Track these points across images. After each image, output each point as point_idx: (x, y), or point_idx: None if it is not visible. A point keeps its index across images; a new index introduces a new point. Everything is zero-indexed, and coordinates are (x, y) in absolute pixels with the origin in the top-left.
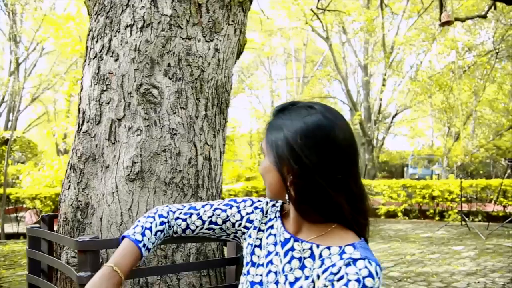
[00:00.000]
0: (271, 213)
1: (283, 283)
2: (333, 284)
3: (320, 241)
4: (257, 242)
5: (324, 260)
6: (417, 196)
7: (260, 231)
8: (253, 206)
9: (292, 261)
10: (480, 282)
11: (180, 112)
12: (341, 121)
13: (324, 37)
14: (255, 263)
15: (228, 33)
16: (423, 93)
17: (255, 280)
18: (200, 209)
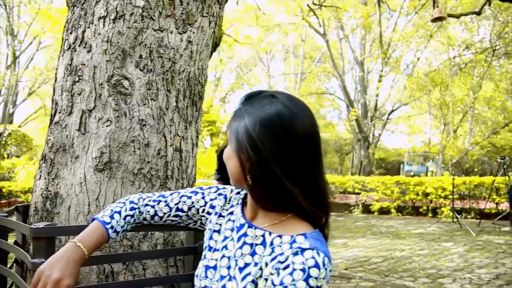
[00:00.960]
0: (234, 200)
1: (233, 268)
2: (278, 272)
3: (273, 229)
4: (216, 227)
5: (275, 248)
6: (411, 193)
7: (220, 217)
8: (217, 193)
9: (244, 246)
10: (466, 278)
11: (151, 104)
12: (303, 113)
13: (321, 33)
14: (212, 248)
15: (202, 25)
16: (419, 90)
17: (209, 264)
18: (168, 196)
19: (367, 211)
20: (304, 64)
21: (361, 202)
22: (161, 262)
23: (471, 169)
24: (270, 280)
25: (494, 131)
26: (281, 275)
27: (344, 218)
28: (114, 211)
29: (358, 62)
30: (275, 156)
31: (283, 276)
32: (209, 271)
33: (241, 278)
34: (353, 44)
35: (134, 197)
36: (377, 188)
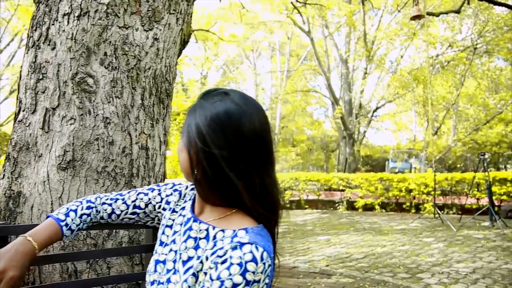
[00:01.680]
0: (188, 196)
1: (178, 262)
2: (217, 266)
3: (217, 223)
4: (169, 223)
5: (217, 242)
6: (394, 189)
7: (173, 212)
8: (173, 189)
9: (188, 240)
10: (444, 272)
11: (115, 101)
12: (252, 111)
13: (306, 31)
14: (163, 243)
15: (169, 22)
16: (402, 87)
17: (159, 258)
18: (126, 194)
19: (352, 208)
20: (291, 62)
21: (346, 199)
22: (126, 260)
23: (454, 166)
24: (208, 274)
25: (475, 128)
26: (219, 269)
27: (328, 215)
28: (69, 209)
29: (343, 59)
30: (222, 151)
31: (221, 271)
32: (158, 265)
33: (184, 271)
34: (338, 42)
35: (91, 196)
36: (361, 185)
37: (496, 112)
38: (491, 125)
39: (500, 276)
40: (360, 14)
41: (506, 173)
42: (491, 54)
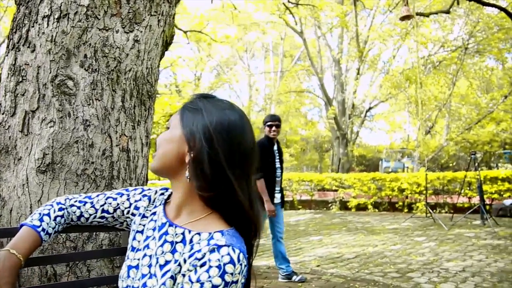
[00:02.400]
0: (158, 201)
1: (154, 266)
2: (196, 269)
3: (192, 227)
4: (139, 228)
5: (194, 245)
6: (387, 189)
7: (144, 218)
8: (141, 194)
9: (165, 244)
10: (434, 271)
11: (95, 104)
12: (251, 130)
13: (299, 32)
14: (135, 248)
15: (151, 24)
16: (394, 87)
17: (132, 264)
18: (94, 198)
19: (345, 208)
20: (284, 63)
21: (339, 199)
22: (107, 263)
23: (446, 165)
24: (187, 277)
25: (467, 127)
26: (198, 272)
27: (321, 215)
28: (42, 214)
29: (336, 60)
30: (225, 153)
31: (200, 273)
32: (131, 270)
33: (161, 275)
34: (331, 42)
35: (60, 198)
36: (354, 185)
37: (488, 111)
38: (482, 124)
39: (489, 274)
40: (352, 15)
41: (497, 172)
42: (482, 54)
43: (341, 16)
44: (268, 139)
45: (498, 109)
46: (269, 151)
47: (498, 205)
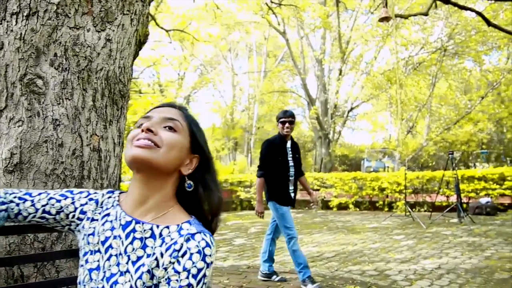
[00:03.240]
0: (108, 203)
1: (125, 263)
2: (178, 260)
3: (159, 222)
4: (90, 231)
5: (165, 238)
6: (368, 188)
7: (93, 221)
8: (88, 198)
9: (134, 241)
10: (411, 269)
11: (65, 103)
12: None
13: (281, 32)
14: (92, 251)
15: (123, 23)
16: (376, 88)
17: (92, 266)
18: (36, 196)
19: (326, 207)
20: (268, 63)
21: (320, 199)
22: (76, 263)
23: (426, 164)
24: (171, 269)
25: (446, 127)
26: (182, 262)
27: (303, 215)
28: None
29: (318, 60)
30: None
31: (184, 262)
32: (93, 273)
33: (135, 269)
34: (313, 42)
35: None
36: (336, 184)
37: (466, 112)
38: (461, 125)
39: (464, 270)
40: (335, 16)
41: (474, 171)
42: (461, 56)
43: (324, 17)
44: (280, 137)
45: (475, 110)
46: (280, 149)
47: (474, 203)
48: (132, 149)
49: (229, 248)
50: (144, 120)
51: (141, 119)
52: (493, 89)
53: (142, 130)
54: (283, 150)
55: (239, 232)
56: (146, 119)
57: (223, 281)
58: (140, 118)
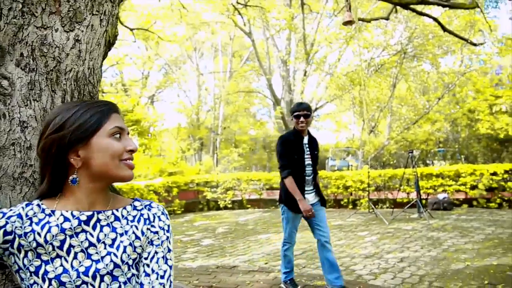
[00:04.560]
0: (35, 215)
1: (99, 251)
2: (152, 224)
3: (113, 207)
4: (33, 245)
5: (127, 217)
6: (332, 186)
7: (29, 234)
8: (5, 218)
9: (103, 228)
10: (375, 263)
11: (33, 105)
12: None
13: (247, 32)
14: (47, 261)
15: (92, 23)
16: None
17: (58, 272)
18: None
19: None
20: (233, 63)
21: None
22: None
23: (387, 162)
24: (150, 232)
25: (406, 126)
26: (155, 224)
27: (270, 214)
28: None
29: (283, 61)
30: None
31: (157, 223)
32: (62, 277)
33: (116, 247)
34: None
35: None
36: None
37: (424, 112)
38: (420, 124)
39: (424, 263)
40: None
41: (432, 169)
42: (419, 58)
43: (289, 19)
44: (295, 132)
45: (433, 110)
46: (296, 146)
47: (432, 199)
48: (128, 171)
49: (197, 248)
50: (120, 131)
51: (117, 128)
52: (449, 90)
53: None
54: (299, 147)
55: (207, 233)
56: (122, 130)
57: (192, 281)
58: (115, 126)
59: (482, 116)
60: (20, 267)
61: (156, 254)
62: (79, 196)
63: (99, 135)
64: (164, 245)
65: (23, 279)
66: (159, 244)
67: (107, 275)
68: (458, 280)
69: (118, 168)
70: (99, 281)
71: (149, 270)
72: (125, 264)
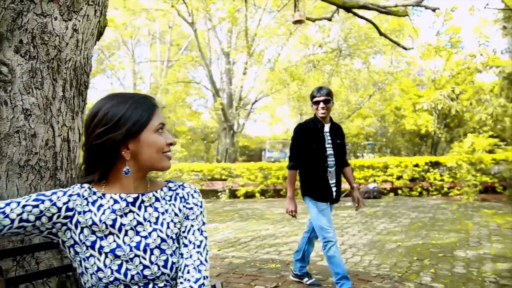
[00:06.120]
0: (89, 196)
1: (146, 228)
2: (187, 201)
3: (152, 189)
4: (89, 223)
5: (165, 197)
6: (273, 177)
7: (87, 213)
8: (67, 195)
9: (147, 209)
10: (320, 246)
11: (35, 92)
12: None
13: (190, 22)
14: (101, 237)
15: (88, 13)
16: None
17: (112, 247)
18: (6, 207)
19: (234, 196)
20: (171, 52)
21: (228, 188)
22: (55, 254)
23: None
24: (186, 209)
25: (340, 121)
26: (189, 201)
27: (212, 204)
28: None
29: (225, 53)
30: None
31: (191, 201)
32: (117, 251)
33: (160, 225)
34: (220, 35)
35: None
36: (243, 174)
37: (356, 108)
38: (352, 119)
39: (362, 245)
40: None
41: (363, 161)
42: (353, 57)
43: (232, 12)
44: (315, 120)
45: (364, 107)
46: (315, 134)
47: (364, 188)
48: (167, 162)
49: None
50: (163, 126)
51: (160, 124)
52: (378, 88)
53: (170, 144)
54: (318, 136)
55: None
56: (163, 126)
57: None
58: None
59: (407, 113)
60: (76, 242)
61: (192, 227)
62: (125, 182)
63: (147, 131)
64: (199, 219)
65: (78, 253)
66: (194, 218)
67: (156, 248)
68: (392, 257)
69: (161, 160)
70: (149, 254)
71: (187, 241)
72: (170, 239)
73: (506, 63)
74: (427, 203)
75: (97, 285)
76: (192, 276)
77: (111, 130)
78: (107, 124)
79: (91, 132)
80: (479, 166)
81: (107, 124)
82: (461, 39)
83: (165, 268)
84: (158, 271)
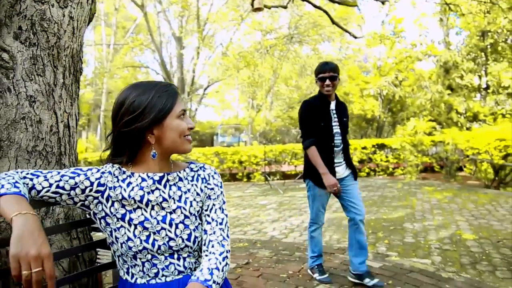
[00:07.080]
0: (120, 174)
1: (170, 205)
2: (208, 182)
3: (175, 170)
4: (119, 197)
5: (187, 177)
6: (228, 161)
7: (117, 188)
8: (100, 172)
9: (172, 187)
10: (282, 225)
11: (38, 79)
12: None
13: (139, 4)
14: (131, 210)
15: (81, 1)
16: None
17: (140, 220)
18: (47, 173)
19: None
20: (117, 35)
21: None
22: (65, 236)
23: (274, 138)
24: (207, 189)
25: (291, 106)
26: (210, 181)
27: None
28: (9, 182)
29: (176, 37)
30: None
31: (212, 181)
32: (145, 223)
33: (184, 203)
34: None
35: (9, 172)
36: (198, 159)
37: (307, 93)
38: None
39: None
40: None
41: None
42: (301, 43)
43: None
44: (321, 97)
45: (314, 92)
46: (322, 111)
47: None
48: (188, 145)
49: None
50: (184, 113)
51: (182, 110)
52: None
53: (190, 128)
54: (325, 113)
55: None
56: (184, 112)
57: None
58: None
59: (355, 99)
60: (108, 214)
61: (214, 206)
62: (151, 164)
63: (170, 116)
64: (219, 198)
65: (108, 224)
66: (215, 198)
67: (180, 223)
68: None
69: (183, 144)
70: (175, 228)
71: (210, 219)
72: (193, 216)
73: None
74: (375, 183)
75: (126, 253)
76: (217, 250)
77: (138, 118)
78: (134, 112)
79: (119, 120)
80: (420, 148)
81: (134, 112)
82: (403, 29)
83: (189, 241)
84: (182, 243)
